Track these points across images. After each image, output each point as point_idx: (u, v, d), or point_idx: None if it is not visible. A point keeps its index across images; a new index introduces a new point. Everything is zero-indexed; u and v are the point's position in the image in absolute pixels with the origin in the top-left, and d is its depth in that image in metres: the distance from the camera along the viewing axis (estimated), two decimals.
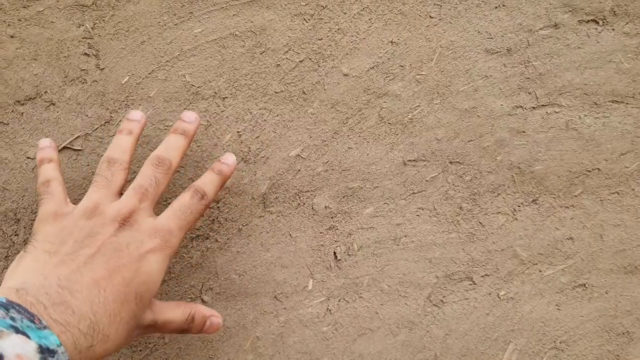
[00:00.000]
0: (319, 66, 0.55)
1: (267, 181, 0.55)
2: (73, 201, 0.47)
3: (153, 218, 0.45)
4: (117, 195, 0.46)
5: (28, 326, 0.34)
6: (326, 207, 0.56)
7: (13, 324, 0.33)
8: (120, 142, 0.48)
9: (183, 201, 0.46)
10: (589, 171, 0.58)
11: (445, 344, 0.56)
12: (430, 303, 0.57)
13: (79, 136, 0.53)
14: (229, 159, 0.50)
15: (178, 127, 0.49)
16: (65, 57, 0.52)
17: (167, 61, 0.53)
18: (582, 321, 0.58)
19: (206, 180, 0.48)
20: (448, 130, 0.56)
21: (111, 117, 0.53)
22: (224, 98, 0.54)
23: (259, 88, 0.55)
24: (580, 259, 0.58)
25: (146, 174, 0.46)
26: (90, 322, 0.38)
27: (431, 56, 0.56)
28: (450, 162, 0.57)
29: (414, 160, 0.56)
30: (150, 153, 0.49)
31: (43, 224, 0.44)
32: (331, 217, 0.56)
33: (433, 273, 0.57)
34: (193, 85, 0.54)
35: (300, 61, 0.55)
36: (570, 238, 0.58)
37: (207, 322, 0.47)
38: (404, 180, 0.56)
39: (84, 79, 0.53)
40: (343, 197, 0.56)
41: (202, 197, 0.47)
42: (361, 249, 0.56)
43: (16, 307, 0.35)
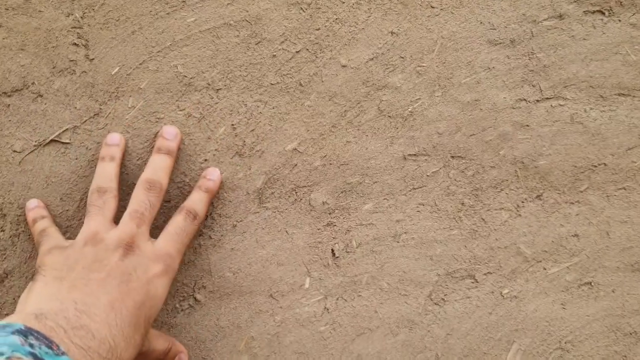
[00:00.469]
0: (317, 57, 0.53)
1: (263, 176, 0.53)
2: (62, 197, 0.47)
3: (152, 242, 0.47)
4: (112, 222, 0.47)
5: (46, 352, 0.34)
6: (324, 203, 0.54)
7: (32, 351, 0.33)
8: (105, 171, 0.49)
9: (177, 224, 0.48)
10: (595, 166, 0.56)
11: (446, 344, 0.55)
12: (431, 302, 0.55)
13: (67, 129, 0.51)
14: (214, 174, 0.52)
15: (162, 146, 0.50)
16: (53, 47, 0.51)
17: (159, 51, 0.52)
18: (588, 321, 0.56)
19: (195, 199, 0.50)
20: (450, 123, 0.55)
21: (100, 109, 0.51)
22: (218, 90, 0.53)
23: (254, 79, 0.53)
24: (585, 257, 0.56)
25: (140, 199, 0.47)
26: (109, 347, 0.38)
27: (432, 47, 0.54)
28: (451, 157, 0.55)
29: (415, 154, 0.55)
30: (141, 147, 0.49)
31: (47, 257, 0.45)
32: (329, 213, 0.54)
33: (434, 271, 0.55)
34: (185, 76, 0.52)
35: (297, 52, 0.53)
36: (575, 235, 0.56)
37: (176, 358, 0.49)
38: (404, 175, 0.55)
39: (73, 70, 0.51)
40: (341, 193, 0.54)
41: (195, 218, 0.49)
42: (360, 246, 0.54)
43: (34, 334, 0.34)
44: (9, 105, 0.50)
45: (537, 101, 0.56)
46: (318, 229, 0.54)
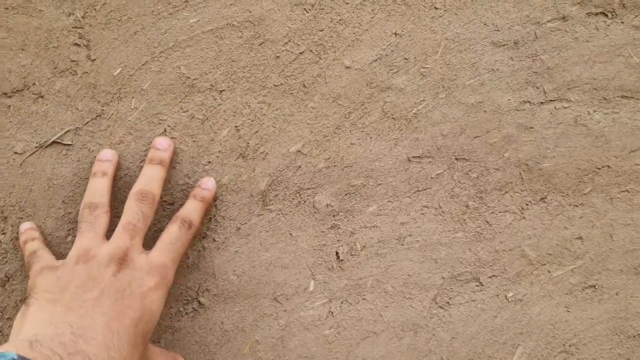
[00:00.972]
0: (320, 58, 0.53)
1: (267, 178, 0.53)
2: (65, 199, 0.46)
3: (146, 254, 0.46)
4: (104, 238, 0.46)
5: None
6: (328, 205, 0.54)
7: None
8: (96, 186, 0.48)
9: (171, 233, 0.47)
10: (599, 168, 0.56)
11: (451, 348, 0.54)
12: (436, 305, 0.54)
13: (69, 130, 0.50)
14: (209, 184, 0.51)
15: (154, 157, 0.49)
16: (54, 48, 0.50)
17: (162, 52, 0.51)
18: (592, 324, 0.56)
19: (190, 208, 0.49)
20: (454, 125, 0.54)
21: (103, 111, 0.51)
22: (221, 91, 0.52)
23: (258, 81, 0.52)
24: (589, 259, 0.56)
25: (132, 210, 0.47)
26: None
27: (436, 49, 0.54)
28: (456, 159, 0.55)
29: (419, 156, 0.54)
30: (144, 149, 0.49)
31: (38, 278, 0.44)
32: (333, 216, 0.54)
33: (439, 274, 0.55)
34: (188, 77, 0.51)
35: (300, 53, 0.53)
36: (579, 237, 0.56)
37: None
38: (409, 177, 0.54)
39: (74, 71, 0.50)
40: (345, 195, 0.54)
41: (190, 227, 0.48)
42: (364, 249, 0.54)
43: None
44: (10, 106, 0.50)
45: (541, 103, 0.55)
46: (322, 232, 0.54)
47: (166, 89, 0.51)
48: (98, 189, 0.48)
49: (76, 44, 0.50)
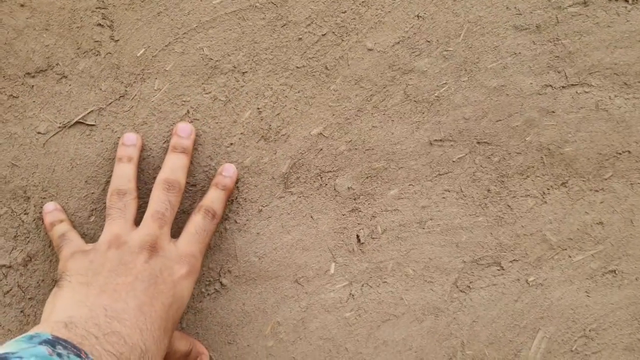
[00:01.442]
0: (343, 40, 0.53)
1: (288, 160, 0.53)
2: (88, 180, 0.47)
3: (174, 243, 0.46)
4: (134, 225, 0.47)
5: None
6: (349, 188, 0.54)
7: None
8: (123, 172, 0.48)
9: (196, 223, 0.48)
10: (619, 154, 0.56)
11: (472, 331, 0.54)
12: (456, 289, 0.54)
13: (92, 111, 0.50)
14: (230, 170, 0.51)
15: (177, 145, 0.49)
16: (78, 28, 0.50)
17: (185, 33, 0.51)
18: (612, 309, 0.56)
19: (213, 197, 0.49)
20: (476, 109, 0.54)
21: (126, 91, 0.51)
22: (244, 73, 0.52)
23: (280, 63, 0.52)
24: (610, 245, 0.56)
25: (160, 200, 0.47)
26: (141, 352, 0.38)
27: (458, 32, 0.54)
28: (478, 143, 0.54)
29: (441, 140, 0.54)
30: (167, 130, 0.49)
31: (70, 261, 0.45)
32: (354, 199, 0.54)
33: (460, 258, 0.54)
34: (211, 59, 0.51)
35: (322, 35, 0.53)
36: (600, 223, 0.56)
37: (198, 358, 0.49)
38: (430, 160, 0.54)
39: (98, 51, 0.50)
40: (366, 178, 0.54)
41: (214, 216, 0.49)
42: (385, 232, 0.54)
43: (62, 343, 0.34)
44: (33, 86, 0.50)
45: (563, 87, 0.55)
46: (343, 215, 0.53)
47: (189, 70, 0.51)
48: (125, 175, 0.48)
49: (99, 25, 0.50)
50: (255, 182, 0.53)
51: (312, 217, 0.53)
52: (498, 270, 0.55)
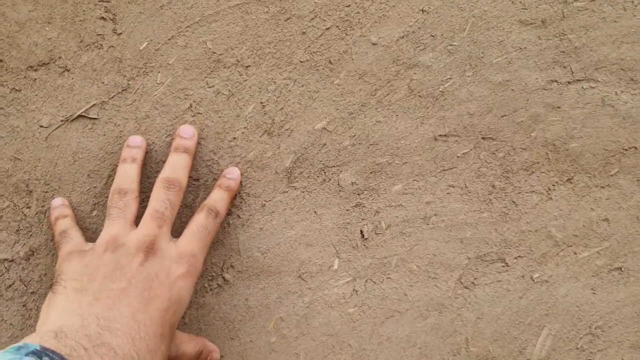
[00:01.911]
0: (347, 34, 0.52)
1: (292, 155, 0.52)
2: (90, 174, 0.46)
3: (174, 242, 0.46)
4: (133, 225, 0.46)
5: None
6: (353, 183, 0.53)
7: None
8: (126, 172, 0.48)
9: (199, 222, 0.47)
10: (626, 150, 0.55)
11: (476, 328, 0.54)
12: (461, 285, 0.54)
13: (95, 104, 0.50)
14: (234, 173, 0.51)
15: (179, 145, 0.49)
16: (80, 21, 0.50)
17: (188, 27, 0.51)
18: (618, 306, 0.55)
19: (217, 197, 0.49)
20: (481, 104, 0.54)
21: (129, 85, 0.50)
22: (247, 67, 0.52)
23: (284, 57, 0.52)
24: (616, 242, 0.56)
25: (160, 199, 0.47)
26: None
27: (463, 26, 0.54)
28: (482, 138, 0.54)
29: (445, 135, 0.54)
30: (169, 124, 0.49)
31: (66, 263, 0.44)
32: (358, 194, 0.53)
33: (464, 254, 0.54)
34: (214, 52, 0.51)
35: (326, 29, 0.52)
36: (605, 219, 0.55)
37: (209, 357, 0.49)
38: (435, 156, 0.54)
39: (100, 44, 0.50)
40: (370, 173, 0.53)
41: (216, 216, 0.48)
42: (389, 228, 0.53)
43: (49, 354, 0.33)
44: (36, 79, 0.49)
45: (569, 83, 0.55)
46: (347, 210, 0.53)
47: (192, 64, 0.51)
48: (128, 175, 0.48)
49: (102, 18, 0.50)
50: (258, 177, 0.52)
51: (316, 212, 0.53)
52: (503, 266, 0.54)
